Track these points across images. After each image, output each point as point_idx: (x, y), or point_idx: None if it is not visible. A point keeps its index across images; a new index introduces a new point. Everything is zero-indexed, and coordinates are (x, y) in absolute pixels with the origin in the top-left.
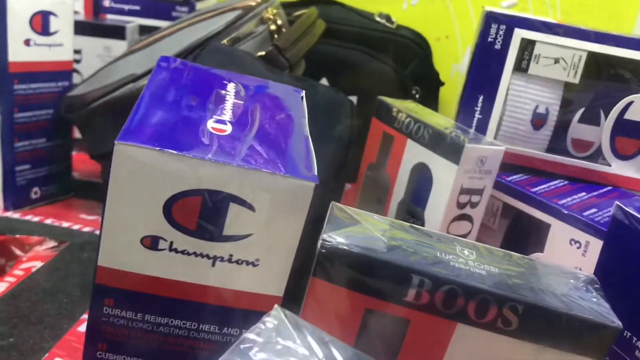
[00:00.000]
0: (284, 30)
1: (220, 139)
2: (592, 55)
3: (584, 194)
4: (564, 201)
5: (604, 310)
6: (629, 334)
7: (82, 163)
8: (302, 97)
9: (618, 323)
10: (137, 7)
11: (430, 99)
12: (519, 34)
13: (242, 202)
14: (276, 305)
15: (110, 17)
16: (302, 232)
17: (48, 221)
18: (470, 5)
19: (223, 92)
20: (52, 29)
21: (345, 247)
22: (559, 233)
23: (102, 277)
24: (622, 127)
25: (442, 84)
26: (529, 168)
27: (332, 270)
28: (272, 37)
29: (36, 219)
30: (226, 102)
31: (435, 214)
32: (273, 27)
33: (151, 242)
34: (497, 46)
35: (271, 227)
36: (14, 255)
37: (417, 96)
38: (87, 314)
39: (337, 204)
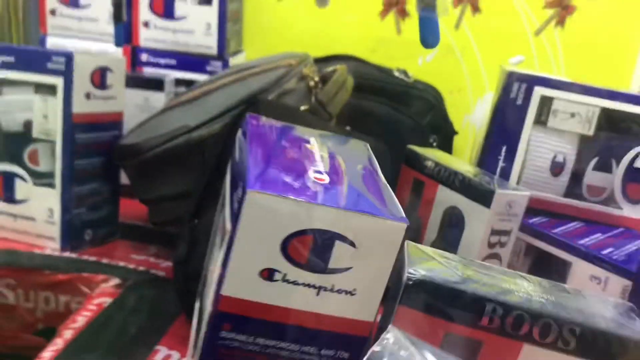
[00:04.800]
0: (319, 86)
1: (323, 186)
2: (604, 110)
3: (599, 234)
4: (582, 241)
5: None
6: None
7: (125, 207)
8: (367, 148)
9: None
10: (172, 61)
11: (446, 147)
12: (539, 91)
13: (345, 240)
14: (391, 325)
15: (147, 70)
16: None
17: (104, 261)
18: (480, 61)
19: (309, 145)
20: (108, 83)
21: (428, 279)
22: (580, 270)
23: (225, 305)
24: (632, 175)
25: (456, 133)
26: (548, 211)
27: (416, 299)
28: (310, 92)
29: (92, 258)
30: (315, 154)
31: (468, 253)
32: (312, 83)
33: (268, 274)
34: (519, 102)
35: (368, 262)
36: (81, 292)
37: (434, 144)
38: (159, 344)
39: (412, 242)
